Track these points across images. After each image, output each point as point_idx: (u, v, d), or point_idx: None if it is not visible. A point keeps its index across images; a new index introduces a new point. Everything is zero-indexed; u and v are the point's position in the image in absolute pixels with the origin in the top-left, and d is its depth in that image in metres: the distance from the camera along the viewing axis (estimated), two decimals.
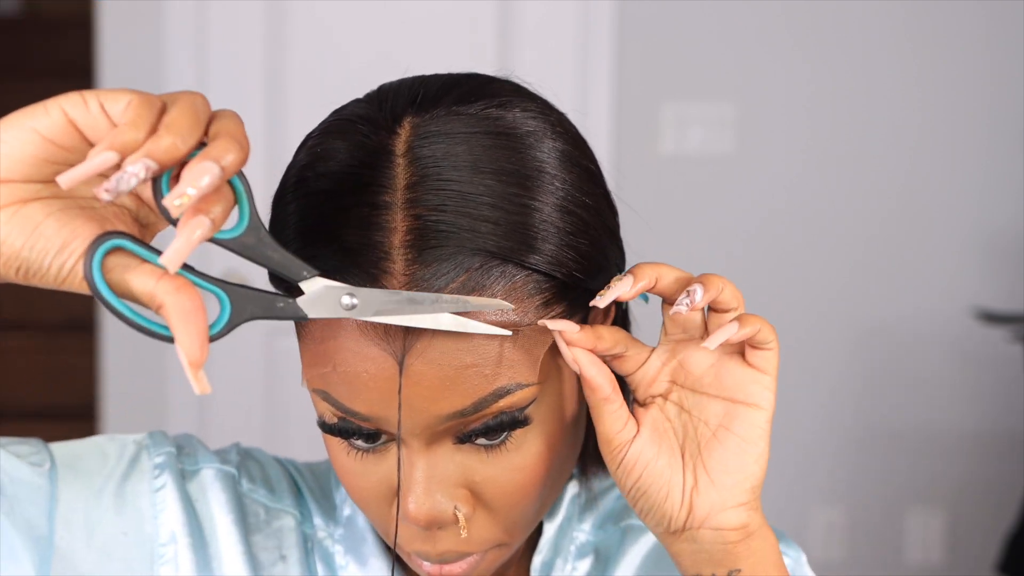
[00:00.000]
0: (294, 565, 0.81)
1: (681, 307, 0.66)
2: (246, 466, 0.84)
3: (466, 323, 0.65)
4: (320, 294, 0.64)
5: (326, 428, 0.70)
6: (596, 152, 0.76)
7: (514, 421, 0.68)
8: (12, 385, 3.51)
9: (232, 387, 2.86)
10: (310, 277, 0.63)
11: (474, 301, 0.65)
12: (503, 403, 0.67)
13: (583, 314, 0.71)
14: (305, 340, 0.69)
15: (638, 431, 0.69)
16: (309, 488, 0.85)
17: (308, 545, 0.83)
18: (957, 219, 3.00)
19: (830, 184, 2.98)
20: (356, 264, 0.65)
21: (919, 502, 3.05)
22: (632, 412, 0.71)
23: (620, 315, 0.77)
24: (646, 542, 0.84)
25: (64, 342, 3.46)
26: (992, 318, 2.95)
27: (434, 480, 0.69)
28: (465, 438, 0.68)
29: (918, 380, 3.03)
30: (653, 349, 0.70)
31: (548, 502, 0.74)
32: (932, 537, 3.05)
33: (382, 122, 0.68)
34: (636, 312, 0.80)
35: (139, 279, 0.58)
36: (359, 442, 0.70)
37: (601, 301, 0.67)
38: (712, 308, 0.68)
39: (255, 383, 2.85)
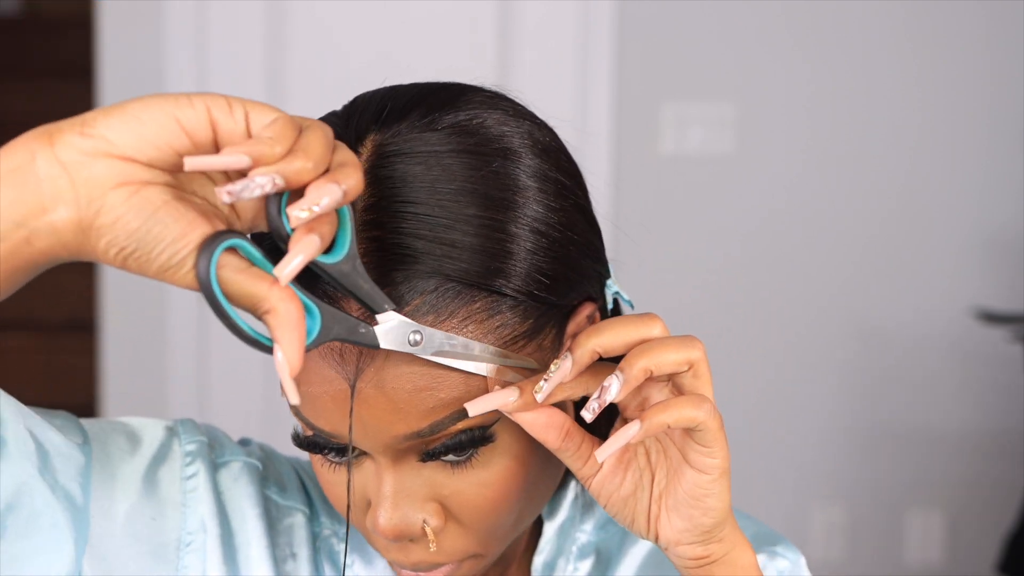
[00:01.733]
0: (304, 563, 0.82)
1: (587, 413, 0.65)
2: (264, 461, 0.84)
3: (502, 368, 0.67)
4: (392, 327, 0.65)
5: (297, 442, 0.72)
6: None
7: (475, 440, 0.68)
8: (12, 385, 3.50)
9: (232, 387, 2.86)
10: (388, 310, 0.65)
11: (512, 361, 0.67)
12: (462, 424, 0.67)
13: (557, 330, 0.70)
14: None
15: (602, 464, 0.69)
16: (316, 487, 0.85)
17: (316, 544, 0.83)
18: (957, 219, 3.00)
19: (830, 184, 2.98)
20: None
21: (919, 502, 3.05)
22: (609, 433, 0.70)
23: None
24: (647, 543, 0.84)
25: (64, 342, 3.46)
26: (992, 318, 2.95)
27: (402, 494, 0.70)
28: (429, 456, 0.69)
29: (918, 380, 3.03)
30: None
31: (526, 514, 0.74)
32: (932, 537, 3.05)
33: (346, 140, 0.68)
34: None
35: (254, 282, 0.59)
36: (332, 456, 0.71)
37: (541, 393, 0.66)
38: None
39: (255, 383, 2.85)
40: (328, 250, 0.62)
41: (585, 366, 0.66)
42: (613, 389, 0.64)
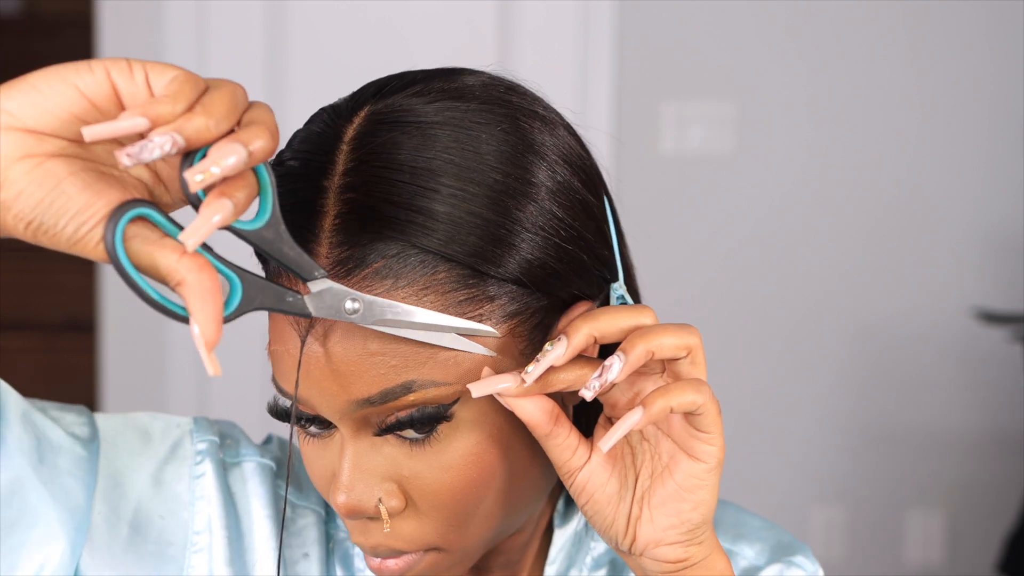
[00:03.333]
0: (315, 564, 0.81)
1: (587, 392, 0.65)
2: (281, 461, 0.83)
3: (455, 341, 0.65)
4: (326, 295, 0.64)
5: (271, 411, 0.72)
6: (596, 152, 0.74)
7: (428, 417, 0.67)
8: (12, 385, 3.51)
9: (232, 387, 2.86)
10: (320, 278, 0.64)
11: (463, 324, 0.65)
12: (414, 397, 0.66)
13: (539, 321, 0.69)
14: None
15: (589, 457, 0.68)
16: None
17: (330, 545, 0.82)
18: (957, 219, 3.00)
19: (830, 183, 2.98)
20: None
21: (919, 502, 3.05)
22: (593, 431, 0.70)
23: None
24: None
25: (64, 342, 3.46)
26: (992, 318, 2.94)
27: (358, 469, 0.69)
28: (383, 431, 0.68)
29: (918, 380, 3.03)
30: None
31: (501, 513, 0.72)
32: (932, 537, 3.05)
33: (344, 111, 0.69)
34: None
35: (163, 253, 0.58)
36: (312, 428, 0.71)
37: (531, 374, 0.65)
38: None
39: (254, 382, 2.85)
40: (253, 217, 0.61)
41: (579, 349, 0.65)
42: (615, 368, 0.64)
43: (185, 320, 0.59)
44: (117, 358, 2.89)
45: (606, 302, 0.73)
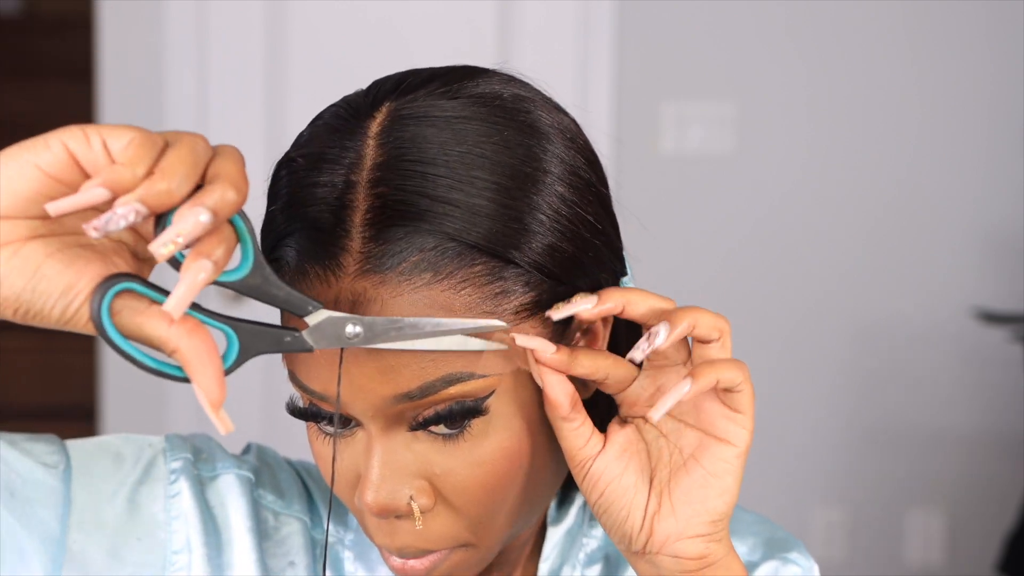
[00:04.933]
0: (302, 571, 0.80)
1: (637, 353, 0.66)
2: (260, 470, 0.83)
3: (466, 342, 0.65)
4: (325, 325, 0.64)
5: (291, 410, 0.71)
6: (596, 151, 0.75)
7: (467, 411, 0.67)
8: (12, 385, 3.51)
9: (232, 388, 2.86)
10: (315, 311, 0.64)
11: (471, 323, 0.65)
12: (453, 390, 0.66)
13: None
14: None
15: (604, 447, 0.69)
16: (321, 492, 0.84)
17: (316, 551, 0.82)
18: (957, 219, 3.00)
19: (830, 183, 2.98)
20: (320, 241, 0.66)
21: (919, 502, 3.05)
22: (607, 426, 0.70)
23: (619, 331, 0.75)
24: None
25: (64, 342, 3.46)
26: (992, 318, 2.94)
27: (389, 467, 0.68)
28: (418, 426, 0.68)
29: (918, 380, 3.03)
30: (638, 372, 0.69)
31: (523, 506, 0.72)
32: (932, 537, 3.05)
33: (363, 107, 0.69)
34: None
35: (152, 323, 0.58)
36: (329, 427, 0.70)
37: (556, 313, 0.66)
38: (695, 339, 0.67)
39: (255, 383, 2.85)
40: (237, 265, 0.61)
41: (607, 311, 0.67)
42: (662, 334, 0.65)
43: (187, 381, 0.59)
44: (117, 358, 2.88)
45: None
